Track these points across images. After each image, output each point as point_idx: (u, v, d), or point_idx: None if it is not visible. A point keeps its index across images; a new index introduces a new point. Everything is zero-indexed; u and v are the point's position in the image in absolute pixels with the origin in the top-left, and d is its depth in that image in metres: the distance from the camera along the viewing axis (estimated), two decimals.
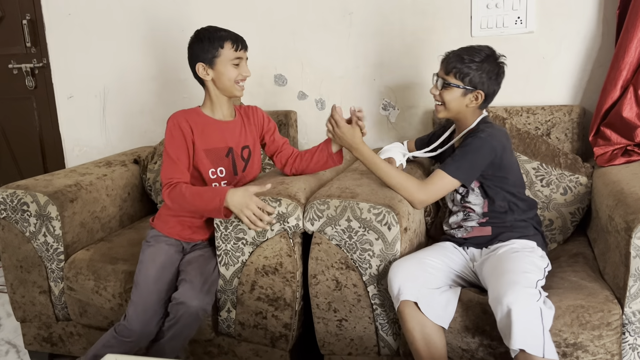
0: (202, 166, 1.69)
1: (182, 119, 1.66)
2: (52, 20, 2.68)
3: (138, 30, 2.55)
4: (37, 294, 1.91)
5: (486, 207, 1.63)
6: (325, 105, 2.37)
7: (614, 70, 1.81)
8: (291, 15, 2.32)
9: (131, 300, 1.63)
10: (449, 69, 1.60)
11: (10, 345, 2.16)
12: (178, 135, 1.64)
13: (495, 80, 1.60)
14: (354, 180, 1.68)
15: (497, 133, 1.59)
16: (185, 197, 1.58)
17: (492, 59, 1.60)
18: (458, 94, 1.60)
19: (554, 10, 2.02)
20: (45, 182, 1.90)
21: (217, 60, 1.64)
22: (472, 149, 1.56)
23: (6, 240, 1.87)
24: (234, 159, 1.73)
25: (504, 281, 1.32)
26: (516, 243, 1.57)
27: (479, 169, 1.57)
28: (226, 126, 1.72)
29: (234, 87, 1.68)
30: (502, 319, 1.27)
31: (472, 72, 1.57)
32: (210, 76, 1.66)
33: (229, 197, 1.53)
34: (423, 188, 1.56)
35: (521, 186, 1.67)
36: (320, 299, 1.59)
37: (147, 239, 1.74)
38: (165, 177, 1.62)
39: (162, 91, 2.58)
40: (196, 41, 1.67)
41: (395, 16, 2.19)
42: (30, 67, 2.79)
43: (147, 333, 1.62)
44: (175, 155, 1.63)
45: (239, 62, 1.67)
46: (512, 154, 1.64)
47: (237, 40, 1.67)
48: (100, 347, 1.63)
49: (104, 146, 2.74)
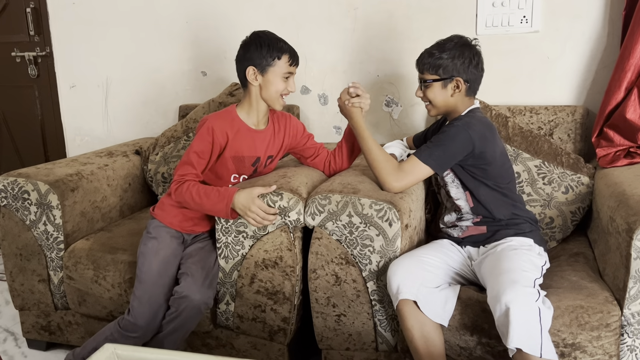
0: (226, 170, 1.69)
1: (218, 126, 1.63)
2: (56, 9, 2.67)
3: (142, 20, 2.54)
4: (36, 283, 1.91)
5: (471, 201, 1.62)
6: (328, 100, 2.36)
7: (618, 72, 1.81)
8: (295, 9, 2.31)
9: (135, 296, 1.62)
10: (423, 68, 1.63)
11: (8, 333, 2.17)
12: (208, 141, 1.63)
13: (471, 64, 1.59)
14: (356, 176, 1.67)
15: (475, 122, 1.57)
16: (192, 196, 1.58)
17: (464, 44, 1.60)
18: (438, 88, 1.61)
19: (560, 10, 2.01)
20: (46, 170, 1.90)
21: (270, 69, 1.63)
22: (447, 137, 1.55)
23: (6, 228, 1.87)
24: (257, 167, 1.74)
25: (503, 280, 1.32)
26: (514, 240, 1.56)
27: (453, 158, 1.56)
28: (257, 135, 1.71)
29: (277, 100, 1.67)
30: (500, 317, 1.28)
31: (443, 61, 1.58)
32: (258, 82, 1.65)
33: (235, 200, 1.55)
34: (395, 172, 1.55)
35: (505, 179, 1.63)
36: (319, 293, 1.59)
37: (148, 230, 1.73)
38: (178, 173, 1.62)
39: (165, 82, 2.58)
40: (254, 44, 1.63)
41: (400, 12, 2.19)
42: (33, 56, 2.78)
43: (153, 327, 1.62)
44: (196, 158, 1.62)
45: (289, 76, 1.67)
46: (495, 146, 1.59)
47: (294, 56, 1.66)
48: (102, 340, 1.63)
49: (106, 136, 2.74)
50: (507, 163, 1.65)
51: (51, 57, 2.74)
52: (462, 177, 1.61)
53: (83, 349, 1.66)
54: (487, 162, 1.57)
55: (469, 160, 1.57)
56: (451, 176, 1.63)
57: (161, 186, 2.24)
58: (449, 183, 1.65)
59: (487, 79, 2.11)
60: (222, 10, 2.40)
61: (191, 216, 1.73)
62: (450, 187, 1.65)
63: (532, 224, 1.63)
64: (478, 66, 1.61)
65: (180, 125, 2.26)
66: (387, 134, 2.30)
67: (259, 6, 2.35)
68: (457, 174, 1.62)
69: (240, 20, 2.40)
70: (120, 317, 1.64)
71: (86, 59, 2.67)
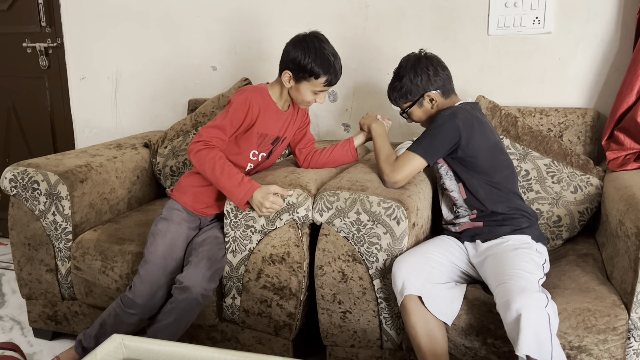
0: (248, 145, 1.71)
1: (255, 100, 1.67)
2: (68, 1, 2.67)
3: (154, 14, 2.54)
4: (44, 272, 1.92)
5: (464, 193, 1.65)
6: (337, 97, 2.36)
7: (630, 75, 1.80)
8: (307, 6, 2.31)
9: (138, 274, 1.66)
10: (395, 102, 1.79)
11: (14, 321, 2.18)
12: (243, 111, 1.65)
13: (430, 75, 1.69)
14: (365, 174, 1.67)
15: (461, 112, 1.62)
16: (215, 167, 1.57)
17: (414, 62, 1.71)
18: (417, 109, 1.74)
19: (573, 11, 2.00)
20: (56, 161, 1.91)
21: (304, 82, 1.65)
22: (434, 126, 1.62)
23: (15, 217, 1.89)
24: (275, 147, 1.77)
25: (511, 287, 1.31)
26: (512, 239, 1.56)
27: (442, 146, 1.60)
28: (282, 116, 1.75)
29: (303, 104, 1.73)
30: (510, 324, 1.27)
31: (406, 87, 1.71)
32: (290, 86, 1.68)
33: (254, 195, 1.56)
34: (392, 165, 1.62)
35: (498, 172, 1.64)
36: (325, 290, 1.60)
37: (162, 213, 1.75)
38: (207, 134, 1.60)
39: (175, 76, 2.58)
40: (301, 53, 1.62)
41: (412, 11, 2.18)
42: (44, 47, 2.79)
43: (150, 307, 1.65)
44: (229, 125, 1.63)
45: (321, 92, 1.70)
46: (483, 138, 1.62)
47: (333, 80, 1.67)
48: (107, 315, 1.67)
49: (114, 129, 2.75)
50: (502, 157, 1.67)
51: (62, 48, 2.74)
52: (454, 168, 1.65)
53: (92, 327, 1.69)
54: (473, 154, 1.61)
55: (458, 151, 1.61)
56: (445, 168, 1.68)
57: (169, 179, 2.25)
58: (443, 175, 1.69)
59: (498, 79, 2.13)
60: (234, 5, 2.41)
61: (205, 199, 1.74)
62: (445, 179, 1.69)
63: (530, 219, 1.63)
64: (438, 71, 1.71)
65: (190, 119, 2.26)
66: (395, 132, 2.30)
67: (272, 2, 2.35)
68: (450, 165, 1.66)
69: (252, 15, 2.40)
70: (123, 293, 1.67)
71: (97, 51, 2.68)
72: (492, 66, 2.13)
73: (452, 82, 1.76)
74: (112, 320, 1.66)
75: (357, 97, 2.33)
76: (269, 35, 2.38)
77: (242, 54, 2.45)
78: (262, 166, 1.81)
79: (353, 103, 2.35)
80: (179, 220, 1.72)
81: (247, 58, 2.44)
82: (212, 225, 1.78)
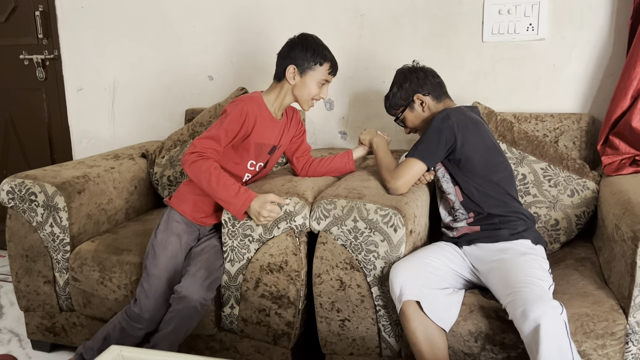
0: (246, 155, 1.72)
1: (252, 111, 1.67)
2: (65, 12, 2.69)
3: (150, 24, 2.56)
4: (42, 284, 1.92)
5: (460, 195, 1.66)
6: (334, 105, 2.37)
7: (624, 80, 1.81)
8: (303, 15, 2.32)
9: (142, 287, 1.66)
10: (390, 112, 1.84)
11: (12, 334, 2.17)
12: (239, 122, 1.65)
13: (419, 79, 1.75)
14: (362, 182, 1.68)
15: (454, 113, 1.64)
16: (210, 178, 1.56)
17: (405, 72, 1.78)
18: (409, 113, 1.79)
19: (566, 18, 2.02)
20: (53, 172, 1.91)
21: (309, 72, 1.69)
22: (430, 129, 1.63)
23: (13, 229, 1.88)
24: (271, 156, 1.78)
25: (527, 295, 1.29)
26: (515, 244, 1.56)
27: (440, 149, 1.61)
28: (276, 125, 1.76)
29: (307, 102, 1.74)
30: (529, 335, 1.25)
31: (397, 93, 1.78)
32: (295, 82, 1.70)
33: (251, 205, 1.56)
34: (392, 172, 1.64)
35: (494, 174, 1.64)
36: (323, 298, 1.60)
37: (161, 221, 1.75)
38: (201, 145, 1.60)
39: (172, 86, 2.59)
40: (301, 46, 1.69)
41: (407, 19, 2.20)
42: (42, 59, 2.80)
43: (157, 319, 1.66)
44: (224, 136, 1.63)
45: (325, 84, 1.73)
46: (479, 139, 1.64)
47: (334, 66, 1.74)
48: (111, 328, 1.67)
49: (112, 139, 2.75)
50: (498, 159, 1.67)
51: (59, 60, 2.75)
52: (451, 170, 1.67)
53: (93, 340, 1.69)
54: (469, 155, 1.62)
55: (455, 153, 1.62)
56: (442, 171, 1.70)
57: (167, 189, 2.25)
58: (441, 178, 1.71)
59: (493, 85, 2.14)
60: (230, 15, 2.42)
61: (204, 209, 1.74)
62: (442, 181, 1.71)
63: (526, 221, 1.63)
64: (428, 77, 1.76)
65: (187, 129, 2.27)
66: (392, 139, 2.30)
67: (267, 12, 2.37)
68: (447, 168, 1.68)
69: (248, 26, 2.41)
70: (127, 305, 1.67)
71: (94, 62, 2.69)
72: (487, 73, 2.14)
73: (445, 88, 1.79)
74: (118, 334, 1.66)
75: (353, 105, 2.34)
76: (264, 45, 2.39)
77: (238, 64, 2.46)
78: (259, 175, 1.81)
79: (349, 111, 2.36)
80: (178, 231, 1.72)
81: (244, 67, 2.45)
82: (210, 235, 1.78)
